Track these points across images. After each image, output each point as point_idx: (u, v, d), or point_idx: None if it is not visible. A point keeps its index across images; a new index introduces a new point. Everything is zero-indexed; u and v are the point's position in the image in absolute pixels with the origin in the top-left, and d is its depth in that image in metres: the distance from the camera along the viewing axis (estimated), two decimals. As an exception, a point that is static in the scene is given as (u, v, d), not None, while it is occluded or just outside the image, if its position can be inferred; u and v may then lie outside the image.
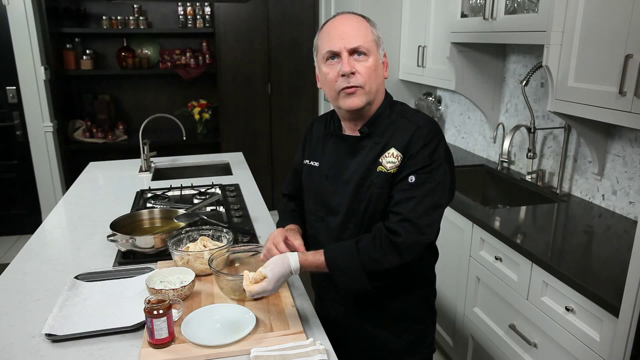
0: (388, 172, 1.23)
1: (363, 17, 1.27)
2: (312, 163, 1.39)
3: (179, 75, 4.18)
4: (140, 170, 2.72)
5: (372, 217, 1.27)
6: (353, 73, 1.21)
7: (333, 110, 1.40)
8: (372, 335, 1.38)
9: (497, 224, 1.94)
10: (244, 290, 1.31)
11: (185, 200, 2.25)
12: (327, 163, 1.35)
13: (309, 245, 1.44)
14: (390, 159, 1.23)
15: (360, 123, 1.30)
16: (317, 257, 1.22)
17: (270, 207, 3.43)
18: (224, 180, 2.52)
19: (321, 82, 1.31)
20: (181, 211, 1.86)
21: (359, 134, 1.30)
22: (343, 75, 1.21)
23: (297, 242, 1.32)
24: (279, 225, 1.48)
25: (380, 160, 1.24)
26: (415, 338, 1.41)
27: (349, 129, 1.33)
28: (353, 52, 1.21)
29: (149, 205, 2.12)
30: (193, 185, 2.37)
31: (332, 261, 1.21)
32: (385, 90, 1.34)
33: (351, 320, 1.39)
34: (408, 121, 1.26)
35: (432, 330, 1.46)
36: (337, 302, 1.40)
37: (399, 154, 1.22)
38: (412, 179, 1.20)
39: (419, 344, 1.42)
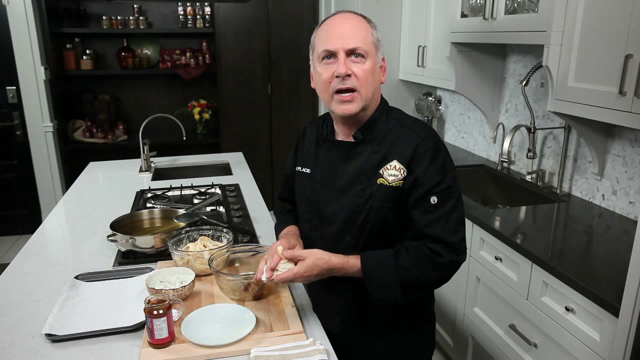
0: (390, 185, 1.19)
1: (364, 17, 1.22)
2: (304, 170, 1.35)
3: (179, 75, 4.18)
4: (140, 170, 2.72)
5: (372, 230, 1.23)
6: (349, 75, 1.15)
7: (325, 114, 1.36)
8: (369, 345, 1.36)
9: (497, 224, 1.94)
10: (244, 290, 1.31)
11: (185, 200, 2.25)
12: (320, 170, 1.31)
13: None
14: (393, 172, 1.19)
15: (354, 128, 1.26)
16: (355, 262, 1.20)
17: (270, 207, 3.43)
18: (224, 180, 2.52)
19: (315, 82, 1.26)
20: (181, 211, 1.86)
21: (352, 140, 1.26)
22: (338, 77, 1.16)
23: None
24: (278, 227, 1.46)
25: (380, 172, 1.20)
26: (414, 345, 1.38)
27: (343, 134, 1.29)
28: (350, 53, 1.16)
29: (149, 205, 2.12)
30: (193, 185, 2.37)
31: (368, 271, 1.19)
32: (381, 95, 1.30)
33: (348, 330, 1.36)
34: (408, 130, 1.22)
35: (432, 336, 1.44)
36: (333, 313, 1.36)
37: (402, 167, 1.19)
38: (434, 199, 1.17)
39: (418, 351, 1.40)
